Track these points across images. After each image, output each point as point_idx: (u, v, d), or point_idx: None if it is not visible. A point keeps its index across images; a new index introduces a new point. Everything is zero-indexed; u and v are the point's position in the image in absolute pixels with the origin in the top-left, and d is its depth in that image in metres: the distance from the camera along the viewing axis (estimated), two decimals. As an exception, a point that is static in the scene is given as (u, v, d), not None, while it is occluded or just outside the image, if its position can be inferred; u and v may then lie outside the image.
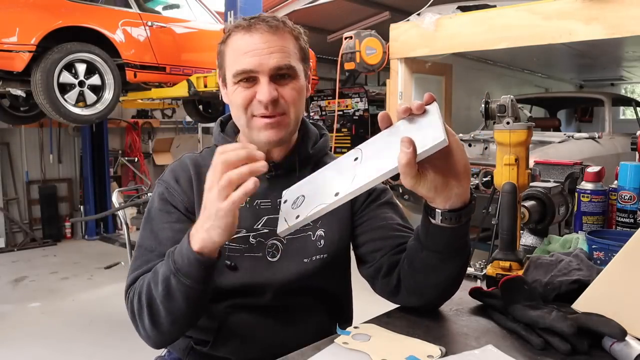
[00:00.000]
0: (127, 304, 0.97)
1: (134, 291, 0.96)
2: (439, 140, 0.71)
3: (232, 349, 1.04)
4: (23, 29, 3.85)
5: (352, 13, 6.31)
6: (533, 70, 7.19)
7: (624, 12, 3.59)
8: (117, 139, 7.04)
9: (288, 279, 1.02)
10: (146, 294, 0.91)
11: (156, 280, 0.89)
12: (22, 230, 5.99)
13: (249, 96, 0.98)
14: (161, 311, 0.89)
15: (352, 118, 6.34)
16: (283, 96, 0.99)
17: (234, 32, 1.00)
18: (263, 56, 0.96)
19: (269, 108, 0.97)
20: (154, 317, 0.90)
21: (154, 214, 1.05)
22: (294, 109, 1.01)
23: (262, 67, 0.96)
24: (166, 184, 1.07)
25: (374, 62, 5.01)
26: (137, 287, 0.95)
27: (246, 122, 1.01)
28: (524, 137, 1.07)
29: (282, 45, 0.98)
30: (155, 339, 0.94)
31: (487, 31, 4.33)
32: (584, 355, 0.77)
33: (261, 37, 0.97)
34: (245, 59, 0.96)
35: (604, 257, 1.15)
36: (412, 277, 0.94)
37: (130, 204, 3.44)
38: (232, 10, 3.90)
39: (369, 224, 1.07)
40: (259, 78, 0.97)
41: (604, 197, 1.40)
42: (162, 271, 0.88)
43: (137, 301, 0.93)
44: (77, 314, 3.78)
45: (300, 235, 1.04)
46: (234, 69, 0.98)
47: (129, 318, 0.97)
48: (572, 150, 3.96)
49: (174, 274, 0.86)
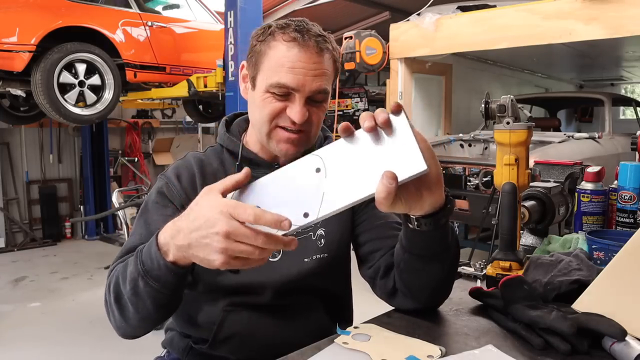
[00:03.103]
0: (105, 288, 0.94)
1: (108, 281, 0.93)
2: (419, 170, 0.65)
3: (231, 348, 1.04)
4: (23, 29, 3.85)
5: (352, 13, 6.31)
6: (533, 70, 7.19)
7: (624, 12, 3.59)
8: (117, 139, 7.04)
9: (288, 279, 1.02)
10: (114, 288, 0.89)
11: (125, 277, 0.86)
12: (22, 230, 5.99)
13: (279, 109, 0.97)
14: (129, 308, 0.87)
15: (352, 118, 6.34)
16: (311, 117, 0.99)
17: (281, 36, 0.96)
18: (307, 77, 0.95)
19: (297, 125, 0.97)
20: (122, 311, 0.88)
21: (150, 206, 1.04)
22: (316, 129, 1.03)
23: (303, 88, 0.95)
24: (167, 179, 1.06)
25: (374, 62, 5.01)
26: (111, 275, 0.93)
27: (268, 131, 1.00)
28: (524, 137, 1.07)
29: (325, 69, 0.97)
30: (125, 331, 0.92)
31: (487, 31, 4.33)
32: (584, 355, 0.78)
33: (310, 57, 0.95)
34: (289, 75, 0.94)
35: (604, 257, 1.15)
36: (401, 279, 0.95)
37: (130, 204, 3.44)
38: (232, 10, 3.90)
39: (368, 222, 1.08)
40: (296, 96, 0.96)
41: (604, 197, 1.40)
42: (130, 269, 0.85)
43: (107, 292, 0.91)
44: (77, 314, 3.78)
45: (301, 235, 1.04)
46: (274, 79, 0.95)
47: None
48: (572, 150, 3.96)
49: (141, 276, 0.82)
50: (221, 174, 1.06)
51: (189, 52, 4.95)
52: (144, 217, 1.03)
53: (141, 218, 1.04)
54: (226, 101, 4.14)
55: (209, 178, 1.05)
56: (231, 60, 3.98)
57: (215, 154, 1.11)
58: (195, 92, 4.55)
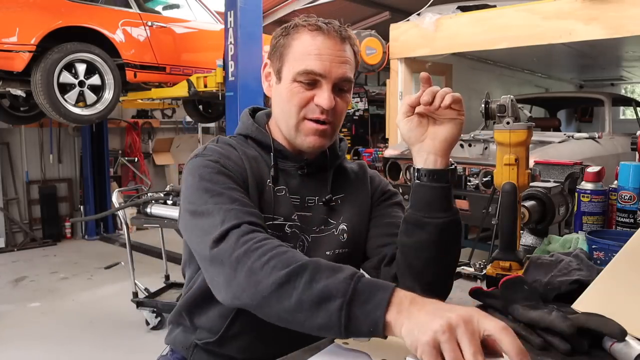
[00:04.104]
0: (219, 244, 0.83)
1: (252, 240, 0.82)
2: None
3: (239, 347, 1.03)
4: (23, 29, 3.85)
5: (352, 13, 6.31)
6: (533, 70, 7.19)
7: (624, 12, 3.59)
8: (117, 139, 7.04)
9: None
10: (287, 271, 0.76)
11: (315, 277, 0.74)
12: (22, 230, 5.99)
13: (307, 98, 0.99)
14: (289, 302, 0.75)
15: (352, 118, 6.34)
16: (337, 106, 1.00)
17: (304, 28, 0.99)
18: (334, 63, 0.97)
19: (325, 114, 0.98)
20: (275, 295, 0.76)
21: (208, 177, 0.93)
22: (339, 121, 1.04)
23: (330, 74, 0.97)
24: (217, 154, 0.98)
25: (374, 62, 5.01)
26: (259, 240, 0.81)
27: (296, 123, 1.01)
28: (524, 137, 1.07)
29: (348, 57, 1.00)
30: (235, 294, 0.81)
31: (487, 31, 4.33)
32: (584, 355, 0.78)
33: (335, 44, 0.98)
34: (315, 61, 0.96)
35: (604, 257, 1.15)
36: (399, 247, 0.98)
37: (130, 204, 3.44)
38: (232, 10, 3.90)
39: (378, 219, 1.11)
40: (323, 83, 0.97)
41: (604, 197, 1.40)
42: (332, 282, 0.73)
43: (258, 256, 0.79)
44: (77, 314, 3.78)
45: (325, 233, 1.06)
46: (301, 67, 0.97)
47: (219, 258, 0.82)
48: (572, 150, 3.96)
49: (345, 302, 0.71)
50: (260, 159, 1.05)
51: (189, 52, 4.95)
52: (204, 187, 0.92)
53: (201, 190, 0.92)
54: (226, 101, 4.13)
55: (251, 161, 1.03)
56: (231, 60, 3.98)
57: (243, 142, 1.08)
58: (195, 92, 4.54)
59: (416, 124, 0.95)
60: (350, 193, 1.11)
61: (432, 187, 0.93)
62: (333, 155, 1.11)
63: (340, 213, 1.08)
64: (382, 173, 4.09)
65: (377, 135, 6.50)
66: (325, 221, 1.07)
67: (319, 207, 1.06)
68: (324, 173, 1.10)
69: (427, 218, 0.93)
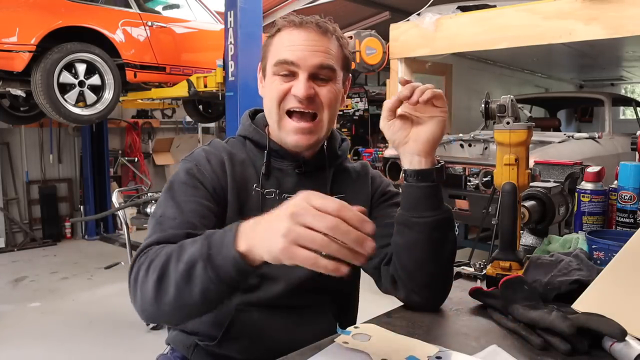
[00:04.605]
0: (131, 268, 0.87)
1: (145, 256, 0.86)
2: None
3: (239, 347, 1.03)
4: (23, 29, 3.85)
5: (352, 13, 6.31)
6: (533, 70, 7.19)
7: (624, 12, 3.59)
8: (117, 139, 7.04)
9: (306, 276, 1.01)
10: (161, 266, 0.80)
11: (180, 256, 0.79)
12: (22, 230, 5.99)
13: (285, 90, 0.99)
14: (171, 290, 0.79)
15: (352, 118, 6.35)
16: (319, 95, 1.00)
17: (284, 26, 1.02)
18: (307, 52, 0.98)
19: (302, 103, 0.98)
20: (160, 292, 0.80)
21: (177, 187, 0.99)
22: (328, 111, 1.03)
23: (304, 63, 0.98)
24: (196, 161, 1.03)
25: (374, 62, 5.02)
26: (150, 254, 0.85)
27: (278, 119, 1.01)
28: (524, 137, 1.07)
29: (328, 47, 1.00)
30: (149, 314, 0.86)
31: (487, 31, 4.33)
32: (584, 355, 0.78)
33: (308, 35, 0.99)
34: (288, 51, 0.98)
35: (604, 257, 1.15)
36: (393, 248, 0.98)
37: (130, 204, 3.44)
38: (232, 10, 3.90)
39: (380, 220, 1.09)
40: (299, 74, 0.98)
41: (604, 197, 1.40)
42: (191, 250, 0.78)
43: (145, 268, 0.83)
44: (77, 314, 3.78)
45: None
46: (276, 58, 1.00)
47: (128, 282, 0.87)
48: (572, 150, 3.96)
49: (204, 259, 0.75)
50: (248, 163, 1.06)
51: (189, 52, 4.95)
52: (170, 195, 0.98)
53: (167, 198, 0.98)
54: (226, 101, 4.13)
55: (237, 166, 1.04)
56: (231, 60, 3.97)
57: (239, 144, 1.10)
58: (195, 92, 4.54)
59: (398, 127, 0.97)
60: (351, 193, 1.11)
61: (418, 187, 0.95)
62: (332, 154, 1.11)
63: None
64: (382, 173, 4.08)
65: (377, 135, 6.50)
66: None
67: None
68: (323, 172, 1.10)
69: (415, 218, 0.94)
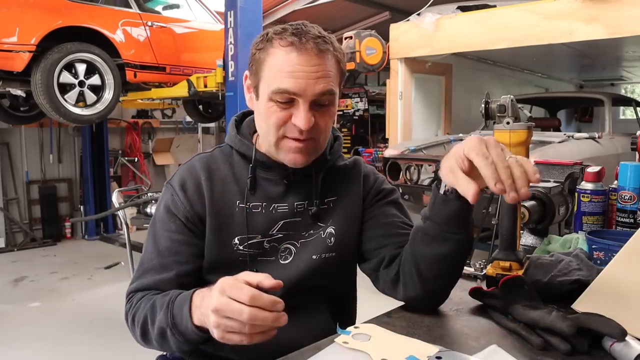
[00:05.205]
0: (125, 309, 1.01)
1: (130, 304, 0.99)
2: None
3: (236, 348, 1.03)
4: (23, 29, 3.85)
5: (352, 13, 6.31)
6: (533, 70, 7.20)
7: (624, 12, 3.59)
8: (117, 139, 7.04)
9: (297, 277, 1.01)
10: (141, 325, 0.95)
11: (153, 320, 0.92)
12: (22, 230, 5.99)
13: (285, 118, 0.95)
14: (154, 343, 0.95)
15: (352, 118, 6.34)
16: (318, 123, 0.96)
17: (279, 42, 0.93)
18: (309, 80, 0.92)
19: (304, 134, 0.95)
20: (146, 342, 0.97)
21: (157, 219, 1.05)
22: (324, 135, 1.00)
23: (306, 93, 0.92)
24: (172, 190, 1.04)
25: (374, 62, 5.02)
26: (134, 303, 0.99)
27: (275, 141, 0.98)
28: (524, 137, 1.07)
29: (328, 71, 0.94)
30: (145, 347, 1.01)
31: (487, 31, 4.33)
32: (584, 355, 0.77)
33: (310, 60, 0.92)
34: (289, 80, 0.91)
35: (604, 257, 1.15)
36: (411, 254, 0.97)
37: (130, 204, 3.44)
38: (232, 10, 3.90)
39: (375, 220, 1.08)
40: (299, 102, 0.93)
41: (604, 197, 1.40)
42: (159, 317, 0.90)
43: (131, 319, 0.98)
44: (77, 314, 3.78)
45: (312, 237, 1.04)
46: (275, 85, 0.92)
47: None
48: (572, 150, 3.96)
49: (170, 328, 0.88)
50: (230, 179, 1.04)
51: (189, 52, 4.95)
52: (153, 231, 1.05)
53: (150, 233, 1.05)
54: (226, 101, 4.13)
55: (217, 185, 1.03)
56: (231, 60, 3.98)
57: (224, 156, 1.07)
58: (195, 92, 4.55)
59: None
60: (343, 194, 1.09)
61: (458, 204, 0.90)
62: (321, 159, 1.06)
63: (330, 216, 1.06)
64: (382, 173, 4.09)
65: (377, 135, 6.50)
66: (313, 225, 1.05)
67: (308, 212, 1.05)
68: (312, 178, 1.06)
69: (449, 233, 0.92)
